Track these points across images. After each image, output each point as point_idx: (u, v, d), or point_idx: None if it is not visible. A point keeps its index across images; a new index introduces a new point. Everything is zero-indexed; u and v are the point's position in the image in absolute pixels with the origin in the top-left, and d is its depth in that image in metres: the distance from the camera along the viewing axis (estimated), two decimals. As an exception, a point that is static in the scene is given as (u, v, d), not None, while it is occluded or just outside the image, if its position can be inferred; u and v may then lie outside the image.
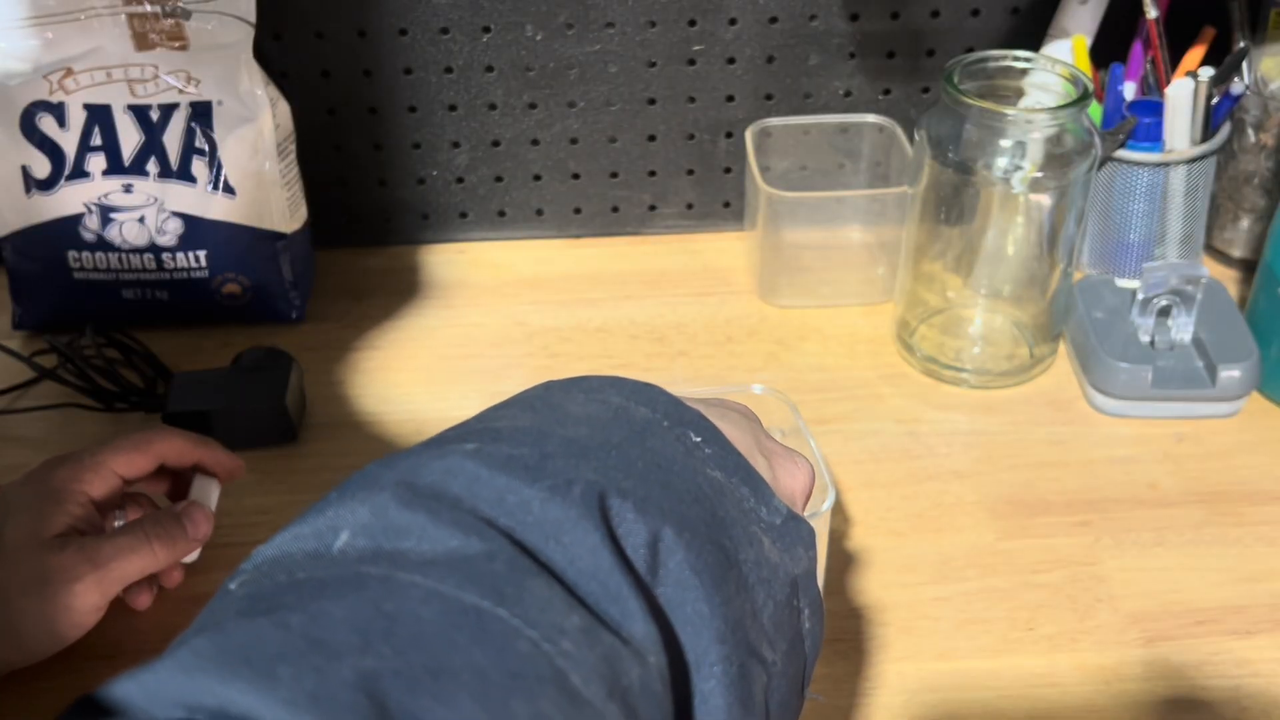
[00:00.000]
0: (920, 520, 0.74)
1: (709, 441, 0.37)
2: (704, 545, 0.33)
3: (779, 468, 0.41)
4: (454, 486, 0.32)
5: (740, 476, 0.37)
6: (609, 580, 0.31)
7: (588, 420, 0.36)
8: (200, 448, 0.67)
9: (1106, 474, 0.76)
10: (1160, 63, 0.87)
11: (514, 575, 0.30)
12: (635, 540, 0.33)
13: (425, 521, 0.31)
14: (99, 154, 0.83)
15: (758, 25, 0.91)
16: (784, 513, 0.38)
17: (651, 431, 0.36)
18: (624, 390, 0.38)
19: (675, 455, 0.36)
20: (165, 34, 0.80)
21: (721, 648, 0.33)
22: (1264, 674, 0.65)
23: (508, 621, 0.29)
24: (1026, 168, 0.78)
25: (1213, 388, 0.79)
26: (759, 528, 0.36)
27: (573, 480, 0.33)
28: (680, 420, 0.37)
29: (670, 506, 0.34)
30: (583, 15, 0.89)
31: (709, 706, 0.33)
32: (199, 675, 0.26)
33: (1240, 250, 0.93)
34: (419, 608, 0.28)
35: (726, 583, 0.33)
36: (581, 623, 0.30)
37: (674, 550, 0.33)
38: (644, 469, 0.34)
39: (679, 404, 0.38)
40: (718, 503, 0.35)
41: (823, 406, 0.81)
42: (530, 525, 0.32)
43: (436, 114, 0.93)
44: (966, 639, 0.67)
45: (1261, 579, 0.70)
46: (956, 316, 0.87)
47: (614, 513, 0.33)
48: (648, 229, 0.99)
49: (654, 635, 0.31)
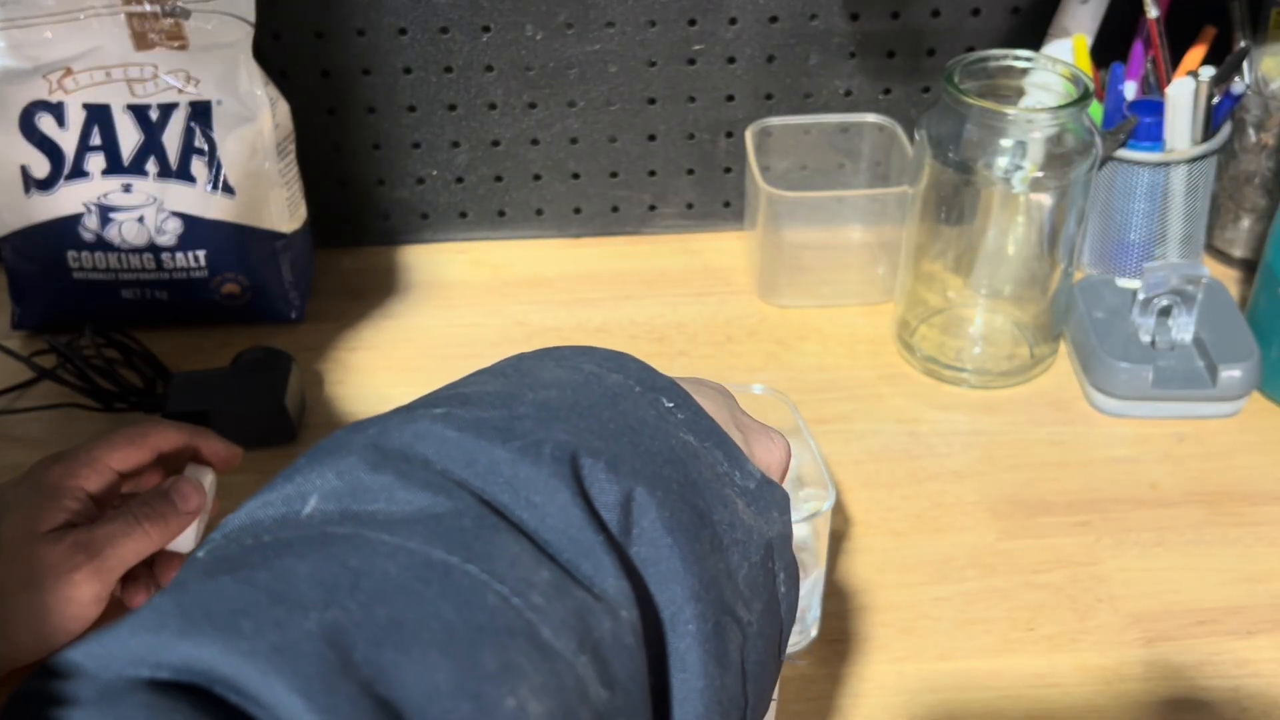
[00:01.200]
0: (921, 520, 0.73)
1: (681, 407, 0.37)
2: (677, 504, 0.33)
3: (754, 441, 0.41)
4: (423, 449, 0.32)
5: (714, 441, 0.37)
6: (580, 537, 0.31)
7: (558, 385, 0.36)
8: (195, 437, 0.67)
9: (1107, 474, 0.76)
10: (1161, 62, 0.87)
11: (483, 532, 0.30)
12: (607, 499, 0.32)
13: (393, 482, 0.31)
14: (98, 154, 0.82)
15: (758, 25, 0.91)
16: (758, 477, 0.38)
17: (624, 396, 0.36)
18: (595, 358, 0.38)
19: (648, 418, 0.36)
20: (164, 33, 0.80)
21: (696, 605, 0.33)
22: (1264, 674, 0.65)
23: (476, 576, 0.29)
24: (1027, 167, 0.77)
25: (1213, 388, 0.79)
26: (733, 490, 0.36)
27: (543, 440, 0.32)
28: (653, 386, 0.37)
29: (642, 466, 0.34)
30: (583, 15, 0.89)
31: (684, 664, 0.33)
32: (161, 633, 0.26)
33: (1241, 250, 0.93)
34: (385, 563, 0.28)
35: (700, 541, 0.33)
36: (552, 577, 0.30)
37: (647, 509, 0.33)
38: (616, 430, 0.34)
39: (651, 371, 0.38)
40: (691, 465, 0.35)
41: (823, 406, 0.81)
42: (500, 485, 0.32)
43: (436, 113, 0.93)
44: (967, 639, 0.66)
45: (1262, 579, 0.70)
46: (957, 316, 0.87)
47: (585, 472, 0.33)
48: (648, 229, 0.99)
49: (627, 591, 0.31)
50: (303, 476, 0.32)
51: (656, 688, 0.32)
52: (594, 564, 0.31)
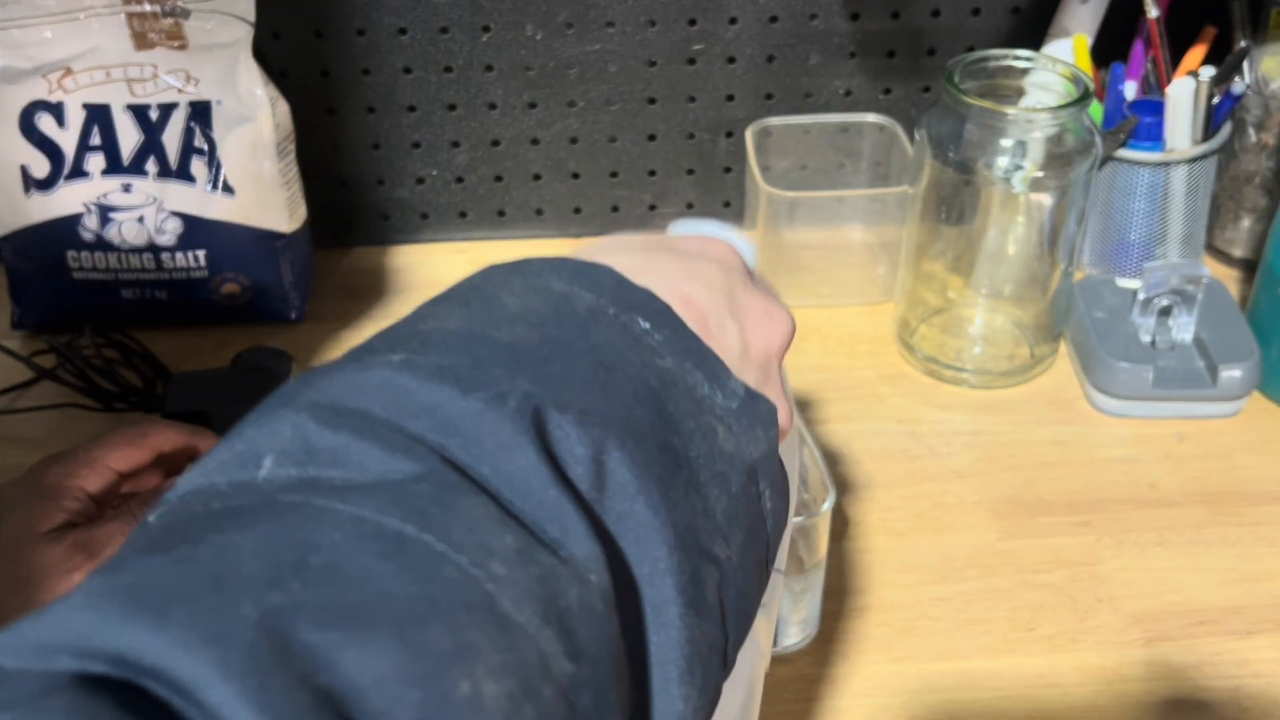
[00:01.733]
0: (921, 520, 0.73)
1: (659, 325, 0.35)
2: (650, 451, 0.32)
3: (752, 329, 0.39)
4: (379, 402, 0.30)
5: (693, 360, 0.35)
6: (546, 498, 0.30)
7: (525, 318, 0.34)
8: (195, 437, 0.67)
9: (1107, 474, 0.76)
10: (1161, 62, 0.86)
11: (442, 496, 0.28)
12: (577, 454, 0.31)
13: (348, 442, 0.29)
14: (98, 153, 0.82)
15: (758, 24, 0.91)
16: (741, 393, 0.36)
17: (595, 323, 0.34)
18: (566, 273, 0.36)
19: (620, 348, 0.34)
20: (164, 33, 0.80)
21: (672, 558, 0.32)
22: (1264, 674, 0.64)
23: (432, 546, 0.27)
24: (1027, 167, 0.77)
25: (1214, 388, 0.79)
26: (713, 417, 0.35)
27: (507, 393, 0.31)
28: (628, 304, 0.35)
29: (614, 413, 0.32)
30: (583, 14, 0.89)
31: (661, 619, 0.32)
32: (91, 616, 0.24)
33: (1241, 250, 0.93)
34: (334, 535, 0.27)
35: (675, 487, 0.32)
36: (515, 543, 0.29)
37: (619, 462, 0.31)
38: (586, 373, 0.33)
39: (626, 286, 0.36)
40: (667, 396, 0.34)
41: (823, 406, 0.81)
42: (462, 441, 0.30)
43: (436, 113, 0.93)
44: (967, 639, 0.66)
45: (1262, 579, 0.70)
46: (957, 316, 0.87)
47: (553, 426, 0.31)
48: (648, 229, 0.99)
49: (597, 553, 0.30)
50: (254, 432, 0.30)
51: (632, 647, 0.31)
52: (561, 526, 0.30)
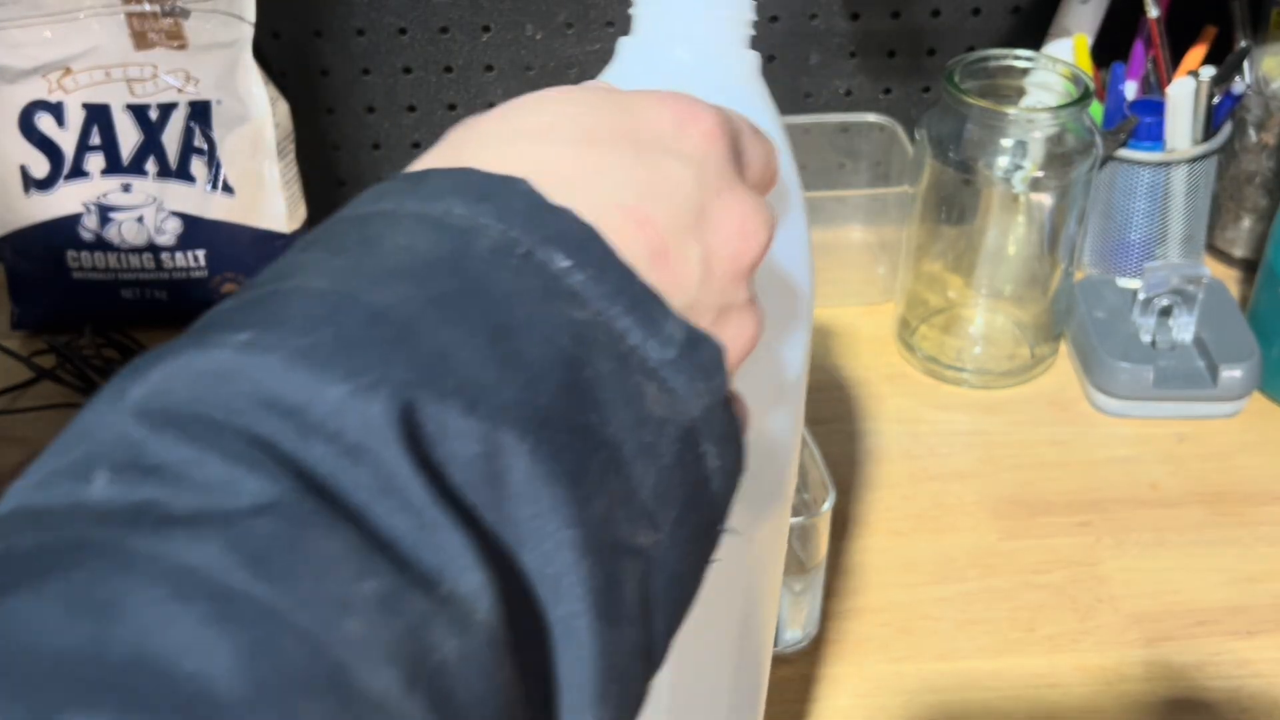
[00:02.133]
0: (921, 520, 0.73)
1: (583, 261, 0.28)
2: (559, 436, 0.27)
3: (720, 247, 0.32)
4: (219, 397, 0.25)
5: (624, 303, 0.29)
6: (423, 518, 0.24)
7: (411, 271, 0.27)
8: None
9: (1108, 474, 0.76)
10: (1161, 62, 0.86)
11: (288, 532, 0.23)
12: (465, 455, 0.25)
13: (183, 454, 0.24)
14: (97, 153, 0.82)
15: (758, 24, 0.90)
16: (680, 339, 0.29)
17: (499, 267, 0.28)
18: (471, 195, 0.29)
19: (529, 301, 0.28)
20: (164, 33, 0.80)
21: (581, 565, 0.27)
22: (1265, 674, 0.64)
23: (265, 605, 0.22)
24: (1027, 167, 0.77)
25: (1214, 388, 0.79)
26: (641, 375, 0.29)
27: (377, 382, 0.25)
28: (544, 235, 0.28)
29: (514, 395, 0.26)
30: (582, 15, 0.89)
31: (571, 636, 0.27)
32: None
33: (1242, 250, 0.93)
34: (147, 592, 0.21)
35: (588, 476, 0.27)
36: (379, 588, 0.23)
37: (517, 457, 0.26)
38: (481, 343, 0.26)
39: (544, 211, 0.29)
40: (585, 359, 0.28)
41: (823, 406, 0.81)
42: (322, 450, 0.24)
43: (436, 113, 0.93)
44: (967, 639, 0.66)
45: (1262, 579, 0.70)
46: (957, 316, 0.87)
47: (433, 424, 0.25)
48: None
49: (484, 582, 0.25)
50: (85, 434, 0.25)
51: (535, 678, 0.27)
52: (440, 554, 0.24)
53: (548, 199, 0.29)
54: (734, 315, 0.32)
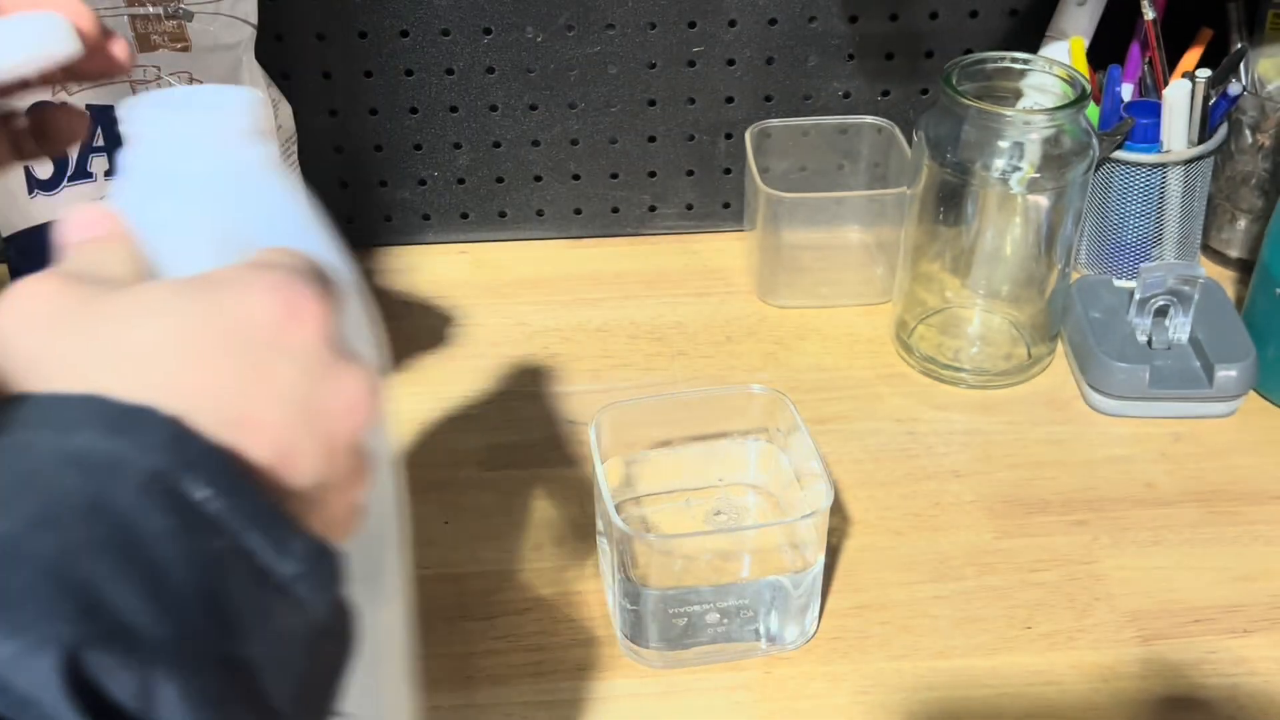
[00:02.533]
0: (919, 519, 0.74)
1: (219, 490, 0.30)
2: (203, 668, 0.29)
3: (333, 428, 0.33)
4: None
5: (255, 523, 0.31)
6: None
7: (63, 519, 0.29)
8: None
9: (1104, 473, 0.77)
10: (1158, 64, 0.87)
11: None
12: (125, 693, 0.27)
13: None
14: (101, 155, 0.83)
15: (757, 27, 0.91)
16: (299, 555, 0.32)
17: (144, 509, 0.29)
18: (106, 427, 0.30)
19: (173, 537, 0.29)
20: (167, 35, 0.80)
21: None
22: (1260, 672, 0.65)
23: None
24: (1024, 168, 0.78)
25: (1210, 387, 0.79)
26: (273, 593, 0.31)
27: (44, 640, 0.26)
28: (183, 465, 0.30)
29: (164, 633, 0.29)
30: (583, 17, 0.90)
31: None
32: None
33: (1237, 250, 0.93)
34: None
35: (230, 697, 0.30)
36: None
37: (168, 689, 0.28)
38: (133, 590, 0.28)
39: (179, 440, 0.30)
40: (226, 589, 0.30)
41: (822, 406, 0.82)
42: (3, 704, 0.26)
43: (438, 115, 0.93)
44: (965, 637, 0.67)
45: (1258, 578, 0.70)
46: (955, 316, 0.87)
47: (96, 667, 0.27)
48: (647, 229, 0.99)
49: None
50: None
51: None
52: None
53: (182, 426, 0.30)
54: (356, 468, 0.35)
